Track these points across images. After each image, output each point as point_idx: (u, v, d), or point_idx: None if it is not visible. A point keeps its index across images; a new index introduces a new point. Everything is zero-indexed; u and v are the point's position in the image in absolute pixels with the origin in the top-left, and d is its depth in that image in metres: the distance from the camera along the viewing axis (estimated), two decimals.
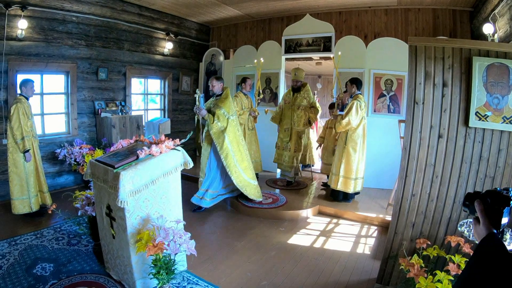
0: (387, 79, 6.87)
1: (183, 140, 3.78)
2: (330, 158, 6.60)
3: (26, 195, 5.32)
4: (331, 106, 6.66)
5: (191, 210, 5.83)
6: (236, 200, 6.22)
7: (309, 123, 7.07)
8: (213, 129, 5.53)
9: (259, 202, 6.04)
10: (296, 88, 6.97)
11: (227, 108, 5.68)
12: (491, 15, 5.11)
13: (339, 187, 6.04)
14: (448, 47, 3.22)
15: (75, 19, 7.01)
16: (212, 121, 5.53)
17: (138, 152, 3.37)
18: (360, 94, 5.97)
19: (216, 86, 5.92)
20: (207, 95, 9.92)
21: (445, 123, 3.24)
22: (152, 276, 3.19)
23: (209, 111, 5.75)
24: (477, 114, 3.11)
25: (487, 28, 5.06)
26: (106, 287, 3.57)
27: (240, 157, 5.74)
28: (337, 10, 8.07)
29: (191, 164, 3.74)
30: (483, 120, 3.10)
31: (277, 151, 7.40)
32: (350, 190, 6.01)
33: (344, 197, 6.22)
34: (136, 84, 8.89)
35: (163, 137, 3.71)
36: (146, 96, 9.38)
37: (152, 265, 3.16)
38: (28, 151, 5.19)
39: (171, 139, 3.75)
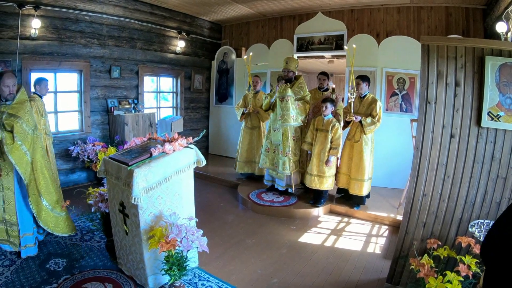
0: (400, 78, 6.82)
1: (196, 138, 3.81)
2: (323, 167, 5.80)
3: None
4: (325, 100, 5.77)
5: None
6: (247, 197, 6.25)
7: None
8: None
9: (270, 200, 6.06)
10: (288, 79, 6.24)
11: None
12: (504, 13, 5.05)
13: (365, 192, 5.80)
14: (460, 46, 3.20)
15: (88, 18, 7.08)
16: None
17: (151, 150, 3.41)
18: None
19: None
20: (220, 92, 10.01)
21: (457, 122, 3.22)
22: (164, 272, 3.24)
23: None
24: (490, 114, 3.09)
25: (500, 27, 5.00)
26: (118, 282, 3.61)
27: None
28: (349, 8, 8.06)
29: (204, 162, 3.77)
30: (495, 120, 3.07)
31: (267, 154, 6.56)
32: (366, 192, 5.84)
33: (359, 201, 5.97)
34: (148, 82, 8.95)
35: (176, 135, 3.74)
36: (159, 94, 9.44)
37: (164, 261, 3.19)
38: None
39: (184, 137, 3.78)
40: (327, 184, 5.86)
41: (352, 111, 5.53)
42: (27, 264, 3.92)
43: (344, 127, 5.89)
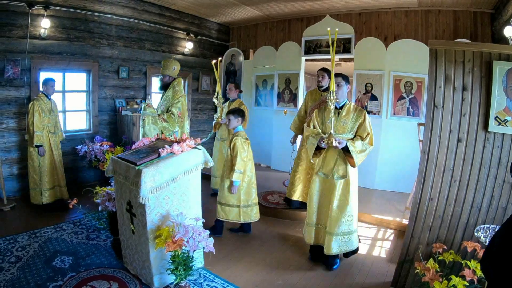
0: (407, 82, 6.81)
1: (204, 139, 3.83)
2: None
3: (38, 187, 5.61)
4: (229, 112, 4.89)
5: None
6: None
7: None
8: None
9: (276, 202, 6.07)
10: (164, 85, 5.56)
11: None
12: None
13: (355, 245, 4.20)
14: (468, 50, 3.20)
15: (97, 19, 7.14)
16: None
17: (160, 150, 3.44)
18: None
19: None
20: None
21: (464, 127, 3.23)
22: (170, 272, 3.26)
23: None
24: (497, 118, 3.09)
25: (508, 31, 4.99)
26: (123, 281, 3.64)
27: None
28: (357, 11, 8.04)
29: (211, 163, 3.78)
30: (502, 125, 3.07)
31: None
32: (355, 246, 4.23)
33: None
34: (156, 83, 8.97)
35: (184, 136, 3.76)
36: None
37: (171, 261, 3.21)
38: (40, 146, 5.48)
39: (192, 138, 3.80)
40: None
41: (332, 130, 3.73)
42: (32, 261, 3.96)
43: (315, 155, 4.06)
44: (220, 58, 6.43)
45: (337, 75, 3.96)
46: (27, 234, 4.67)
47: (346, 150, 3.84)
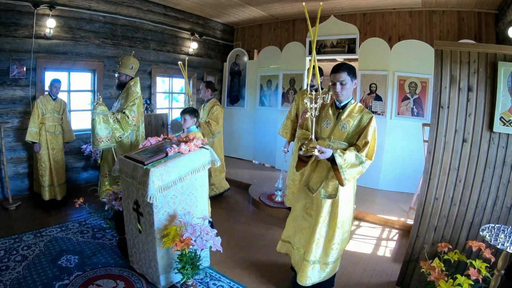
0: (411, 82, 6.82)
1: (211, 139, 3.85)
2: None
3: (40, 183, 5.78)
4: (184, 112, 4.74)
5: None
6: (258, 199, 6.29)
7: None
8: None
9: (280, 202, 6.09)
10: (120, 85, 5.25)
11: None
12: None
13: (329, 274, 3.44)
14: (473, 51, 3.22)
15: (102, 19, 7.19)
16: None
17: (167, 149, 3.47)
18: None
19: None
20: (232, 94, 10.07)
21: (469, 127, 3.24)
22: (176, 271, 3.29)
23: None
24: (502, 119, 3.10)
25: None
26: (130, 280, 3.66)
27: None
28: (361, 11, 8.07)
29: (218, 163, 3.80)
30: (507, 125, 3.08)
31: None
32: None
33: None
34: (160, 83, 9.03)
35: (191, 136, 3.78)
36: (171, 95, 9.51)
37: (178, 260, 3.23)
38: (35, 142, 5.64)
39: (199, 138, 3.83)
40: None
41: (313, 135, 2.96)
42: (38, 260, 3.98)
43: (300, 165, 3.34)
44: (187, 58, 6.40)
45: (340, 69, 3.12)
46: (32, 233, 4.70)
47: (334, 162, 2.98)
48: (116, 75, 5.22)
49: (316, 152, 2.86)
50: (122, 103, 4.98)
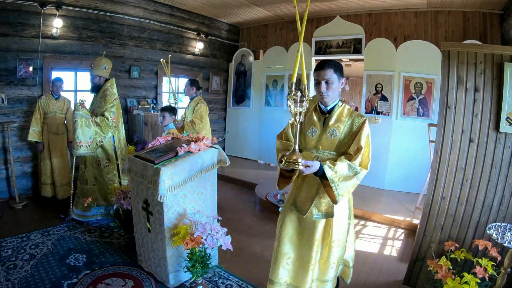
0: (417, 82, 6.83)
1: (220, 138, 3.87)
2: None
3: (43, 180, 5.89)
4: (163, 109, 4.90)
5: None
6: (265, 198, 6.30)
7: None
8: None
9: None
10: (94, 87, 5.17)
11: None
12: None
13: None
14: (480, 52, 3.24)
15: (109, 19, 7.23)
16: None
17: (177, 149, 3.49)
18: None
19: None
20: (237, 94, 10.10)
21: (476, 127, 3.27)
22: (186, 270, 3.29)
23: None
24: (508, 119, 3.12)
25: None
26: (138, 279, 3.68)
27: None
28: (367, 12, 8.08)
29: (228, 162, 3.80)
30: None
31: None
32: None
33: None
34: (165, 83, 9.03)
35: (201, 135, 3.81)
36: (177, 95, 9.45)
37: (187, 258, 3.25)
38: (38, 142, 5.76)
39: (208, 137, 3.86)
40: None
41: (296, 145, 2.33)
42: (46, 259, 4.00)
43: (280, 183, 2.89)
44: (170, 55, 6.39)
45: (326, 65, 2.67)
46: (40, 232, 4.71)
47: (324, 177, 2.47)
48: (89, 78, 5.09)
49: (300, 166, 2.29)
50: (99, 106, 4.95)
